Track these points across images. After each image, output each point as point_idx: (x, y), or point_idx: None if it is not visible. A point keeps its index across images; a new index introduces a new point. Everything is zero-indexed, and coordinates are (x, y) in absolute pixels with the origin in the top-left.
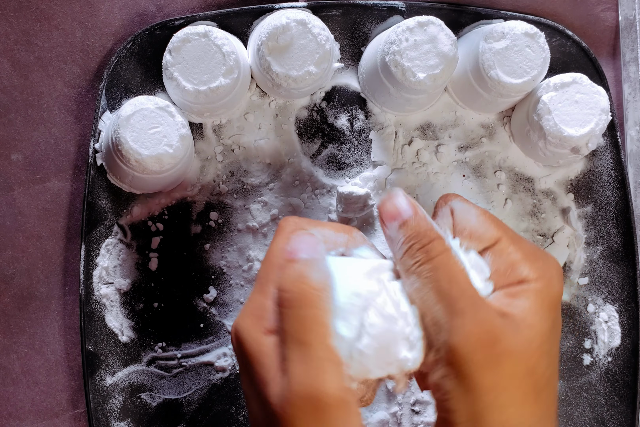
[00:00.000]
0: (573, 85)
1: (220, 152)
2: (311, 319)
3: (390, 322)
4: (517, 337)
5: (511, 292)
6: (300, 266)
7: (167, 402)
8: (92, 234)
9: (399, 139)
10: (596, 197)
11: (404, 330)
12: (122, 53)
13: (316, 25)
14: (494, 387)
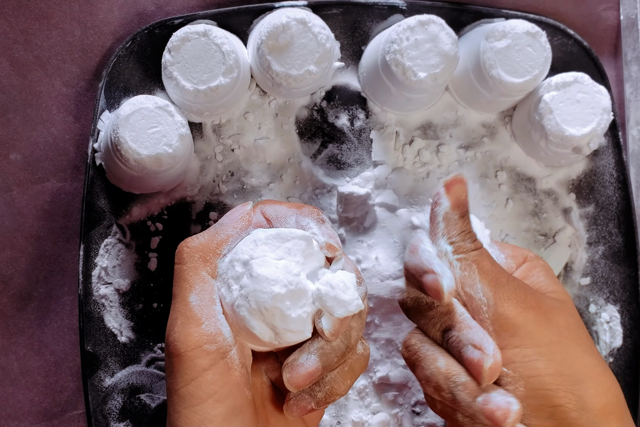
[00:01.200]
0: (574, 84)
1: (220, 151)
2: (179, 275)
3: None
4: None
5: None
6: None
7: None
8: (91, 234)
9: (399, 138)
10: (598, 197)
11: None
12: (121, 52)
13: (316, 24)
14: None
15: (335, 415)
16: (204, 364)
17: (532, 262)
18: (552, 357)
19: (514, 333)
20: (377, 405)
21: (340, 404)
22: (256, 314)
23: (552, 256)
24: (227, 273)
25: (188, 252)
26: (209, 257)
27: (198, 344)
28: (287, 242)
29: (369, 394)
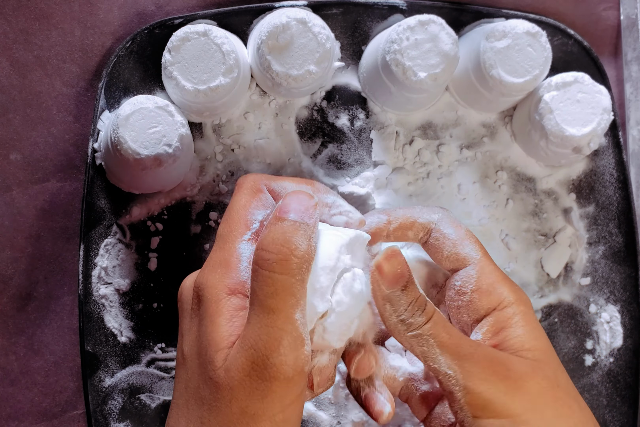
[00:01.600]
0: (575, 84)
1: (220, 151)
2: (285, 288)
3: (357, 299)
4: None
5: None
6: (288, 227)
7: (167, 403)
8: (91, 234)
9: (399, 138)
10: (598, 197)
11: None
12: (121, 52)
13: (316, 24)
14: (532, 407)
15: (336, 415)
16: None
17: (510, 309)
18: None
19: (486, 406)
20: None
21: (340, 404)
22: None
23: (552, 256)
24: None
25: (297, 262)
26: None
27: (303, 367)
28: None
29: None
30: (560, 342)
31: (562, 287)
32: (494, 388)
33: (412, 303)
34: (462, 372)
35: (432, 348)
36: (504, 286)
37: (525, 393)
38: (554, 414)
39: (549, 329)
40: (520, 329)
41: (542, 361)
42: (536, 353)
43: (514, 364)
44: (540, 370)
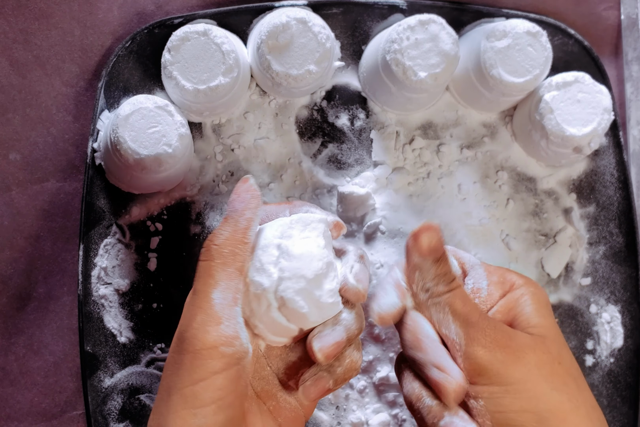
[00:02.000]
0: (575, 84)
1: (219, 151)
2: (205, 270)
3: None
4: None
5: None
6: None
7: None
8: (90, 234)
9: (400, 138)
10: (598, 197)
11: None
12: (121, 52)
13: (316, 23)
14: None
15: (335, 415)
16: (217, 367)
17: (520, 290)
18: (518, 395)
19: (482, 372)
20: (377, 405)
21: (340, 405)
22: (302, 293)
23: (553, 256)
24: (261, 260)
25: (216, 249)
26: (239, 249)
27: (215, 344)
28: (308, 226)
29: (369, 394)
30: None
31: (563, 287)
32: (492, 355)
33: (439, 275)
34: (466, 338)
35: (446, 315)
36: (512, 274)
37: (522, 364)
38: (549, 387)
39: None
40: (528, 307)
41: (547, 338)
42: (542, 330)
43: (517, 336)
44: (542, 344)
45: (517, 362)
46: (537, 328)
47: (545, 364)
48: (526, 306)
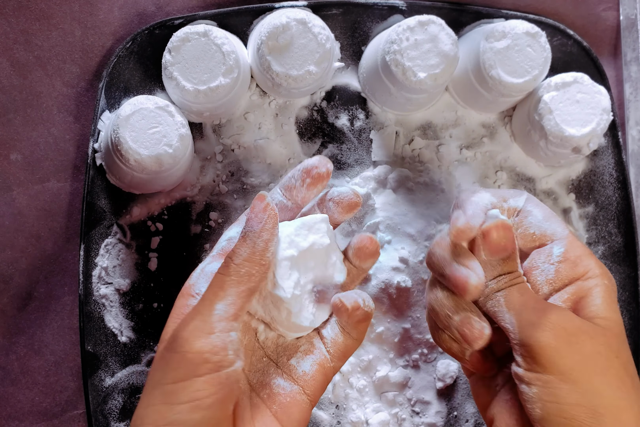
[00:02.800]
0: (574, 84)
1: (220, 151)
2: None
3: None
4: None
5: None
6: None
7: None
8: (91, 234)
9: (399, 138)
10: (597, 197)
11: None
12: (122, 52)
13: (316, 24)
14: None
15: (335, 414)
16: (199, 371)
17: (595, 280)
18: (575, 387)
19: (535, 359)
20: (377, 405)
21: (340, 404)
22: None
23: None
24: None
25: (234, 267)
26: (255, 270)
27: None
28: (312, 228)
29: (369, 393)
30: None
31: None
32: (546, 340)
33: (504, 275)
34: (520, 325)
35: (502, 307)
36: (591, 259)
37: (577, 352)
38: (603, 381)
39: None
40: (599, 300)
41: (611, 331)
42: (609, 323)
43: (577, 322)
44: (603, 336)
45: (572, 349)
46: (605, 321)
47: (601, 357)
48: (597, 298)
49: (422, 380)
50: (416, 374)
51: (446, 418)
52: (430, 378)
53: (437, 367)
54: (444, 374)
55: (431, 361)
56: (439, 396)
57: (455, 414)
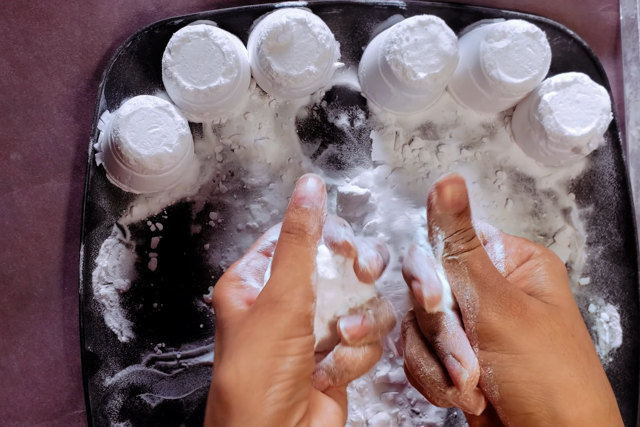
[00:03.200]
0: (574, 84)
1: (220, 151)
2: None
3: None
4: (544, 304)
5: (525, 270)
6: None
7: (167, 403)
8: (91, 234)
9: (399, 138)
10: (597, 197)
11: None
12: (122, 52)
13: (316, 24)
14: (538, 349)
15: None
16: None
17: (535, 260)
18: (528, 365)
19: (493, 338)
20: (377, 405)
21: None
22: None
23: None
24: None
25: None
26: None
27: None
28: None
29: (369, 393)
30: None
31: None
32: (505, 322)
33: (459, 231)
34: (481, 302)
35: (464, 276)
36: (529, 244)
37: (535, 334)
38: (559, 360)
39: None
40: (542, 277)
41: (562, 308)
42: (556, 299)
43: (532, 304)
44: (557, 315)
45: (530, 331)
46: (552, 297)
47: (558, 336)
48: (540, 276)
49: None
50: None
51: (446, 418)
52: None
53: None
54: None
55: None
56: None
57: (455, 414)
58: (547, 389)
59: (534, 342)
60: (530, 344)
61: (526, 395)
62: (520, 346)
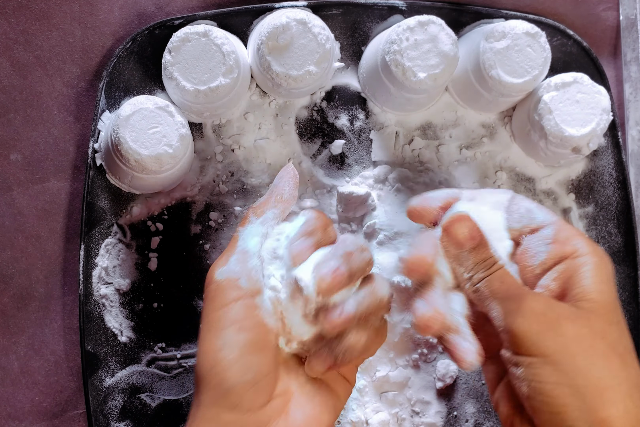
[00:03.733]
0: (574, 84)
1: (220, 152)
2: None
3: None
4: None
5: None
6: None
7: (167, 402)
8: (91, 234)
9: (399, 138)
10: (597, 197)
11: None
12: (122, 52)
13: (316, 24)
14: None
15: None
16: (232, 296)
17: (582, 259)
18: (556, 368)
19: (519, 343)
20: (377, 404)
21: None
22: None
23: None
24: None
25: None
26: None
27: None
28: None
29: (369, 393)
30: None
31: None
32: (528, 325)
33: (478, 263)
34: (503, 312)
35: (487, 297)
36: (581, 239)
37: (558, 335)
38: (587, 362)
39: None
40: (587, 280)
41: (594, 313)
42: (594, 305)
43: (555, 307)
44: (584, 318)
45: (552, 332)
46: (591, 303)
47: (584, 338)
48: (585, 278)
49: (422, 380)
50: (416, 374)
51: (446, 418)
52: (430, 378)
53: (437, 367)
54: (443, 374)
55: (431, 360)
56: (439, 395)
57: (455, 414)
58: (575, 391)
59: (558, 344)
60: (555, 346)
61: (554, 395)
62: (545, 348)
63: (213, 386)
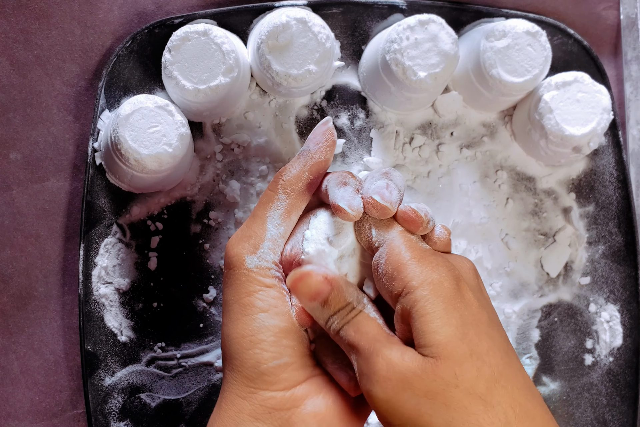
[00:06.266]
0: (574, 84)
1: (219, 151)
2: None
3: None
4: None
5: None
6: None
7: (167, 402)
8: (91, 234)
9: (399, 137)
10: (598, 196)
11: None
12: (121, 52)
13: (316, 23)
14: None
15: None
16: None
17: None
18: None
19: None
20: None
21: None
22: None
23: (552, 256)
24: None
25: (282, 183)
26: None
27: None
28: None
29: None
30: (560, 342)
31: (562, 286)
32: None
33: (332, 315)
34: (359, 374)
35: (346, 346)
36: (408, 269)
37: (410, 397)
38: (443, 420)
39: (549, 329)
40: (420, 324)
41: (441, 357)
42: (433, 350)
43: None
44: (430, 371)
45: (403, 396)
46: (429, 348)
47: (436, 394)
48: (418, 323)
49: None
50: None
51: None
52: None
53: None
54: None
55: None
56: None
57: None
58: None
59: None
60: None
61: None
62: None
63: (248, 367)
